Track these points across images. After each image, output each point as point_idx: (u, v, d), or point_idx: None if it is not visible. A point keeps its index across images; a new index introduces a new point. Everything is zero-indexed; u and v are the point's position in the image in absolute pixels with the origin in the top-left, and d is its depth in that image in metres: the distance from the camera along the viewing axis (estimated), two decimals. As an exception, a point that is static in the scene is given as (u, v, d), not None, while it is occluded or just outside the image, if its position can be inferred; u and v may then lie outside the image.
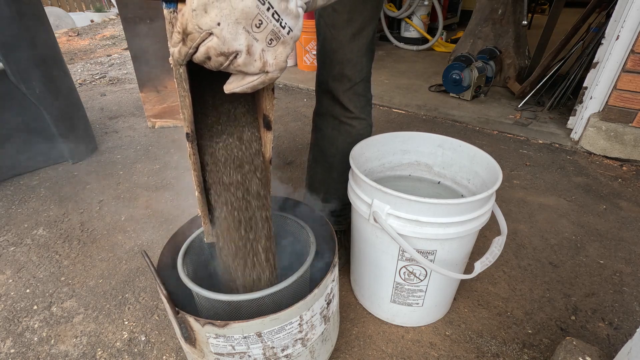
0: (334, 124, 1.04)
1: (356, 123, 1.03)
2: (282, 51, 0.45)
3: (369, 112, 1.05)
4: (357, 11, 0.86)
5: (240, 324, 0.63)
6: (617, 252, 1.27)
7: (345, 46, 0.90)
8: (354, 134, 1.04)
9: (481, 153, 0.96)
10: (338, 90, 0.97)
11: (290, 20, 0.43)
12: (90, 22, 6.26)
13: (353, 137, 1.03)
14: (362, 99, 1.01)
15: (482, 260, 0.83)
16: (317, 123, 1.10)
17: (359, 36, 0.89)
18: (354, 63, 0.93)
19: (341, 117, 1.02)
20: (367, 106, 1.04)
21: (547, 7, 5.85)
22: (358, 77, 0.95)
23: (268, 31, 0.42)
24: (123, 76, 3.36)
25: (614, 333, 1.00)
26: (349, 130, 1.03)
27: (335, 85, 0.97)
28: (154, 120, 2.23)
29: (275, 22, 0.42)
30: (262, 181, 0.65)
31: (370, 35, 0.91)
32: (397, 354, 0.95)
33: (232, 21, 0.40)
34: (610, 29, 1.76)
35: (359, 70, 0.94)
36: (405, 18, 4.00)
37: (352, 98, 0.98)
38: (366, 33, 0.90)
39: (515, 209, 1.51)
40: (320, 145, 1.11)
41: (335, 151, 1.07)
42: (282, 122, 2.32)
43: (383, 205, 0.80)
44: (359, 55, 0.92)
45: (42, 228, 1.42)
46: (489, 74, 2.58)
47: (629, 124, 1.75)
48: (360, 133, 1.04)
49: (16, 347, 0.99)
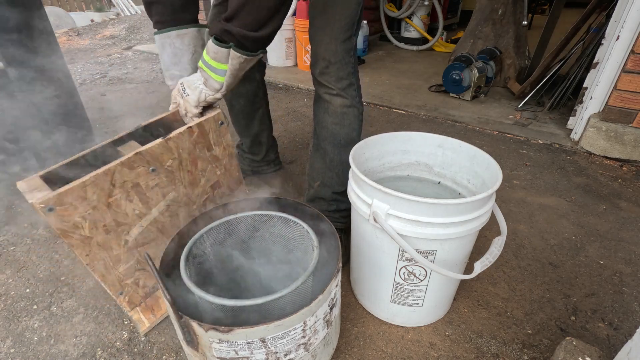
0: (324, 107, 1.12)
1: (338, 100, 1.09)
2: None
3: (353, 96, 1.10)
4: (329, 3, 0.99)
5: (244, 330, 0.63)
6: (617, 253, 1.28)
7: (319, 31, 1.02)
8: (338, 111, 1.10)
9: (481, 153, 0.96)
10: (315, 71, 1.07)
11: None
12: (91, 22, 6.26)
13: (338, 116, 1.10)
14: (343, 81, 1.07)
15: (482, 261, 0.83)
16: (314, 110, 1.17)
17: (332, 20, 1.00)
18: (327, 45, 1.02)
19: (324, 96, 1.10)
20: (349, 89, 1.09)
21: (547, 7, 5.85)
22: (333, 58, 1.03)
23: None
24: (123, 76, 3.36)
25: (614, 333, 1.00)
26: (332, 109, 1.10)
27: (314, 69, 1.07)
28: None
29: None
30: None
31: (344, 19, 1.00)
32: (397, 354, 0.95)
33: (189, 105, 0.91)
34: (611, 30, 1.76)
35: (333, 52, 1.03)
36: (405, 18, 4.00)
37: (329, 79, 1.07)
38: (340, 17, 1.00)
39: (515, 209, 1.51)
40: (317, 132, 1.17)
41: (327, 134, 1.13)
42: (282, 122, 2.32)
43: (383, 206, 0.80)
44: (331, 37, 1.01)
45: (42, 227, 1.42)
46: (489, 74, 2.58)
47: (629, 124, 1.75)
48: (344, 111, 1.10)
49: (16, 346, 0.99)
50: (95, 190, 0.78)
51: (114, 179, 0.81)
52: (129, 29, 5.46)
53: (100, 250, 0.85)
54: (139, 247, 0.93)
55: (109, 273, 0.89)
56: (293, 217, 0.85)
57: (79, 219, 0.78)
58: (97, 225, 0.82)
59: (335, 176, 1.17)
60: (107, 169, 0.79)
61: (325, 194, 1.20)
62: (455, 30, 4.79)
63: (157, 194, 0.91)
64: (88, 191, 0.77)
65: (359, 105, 1.13)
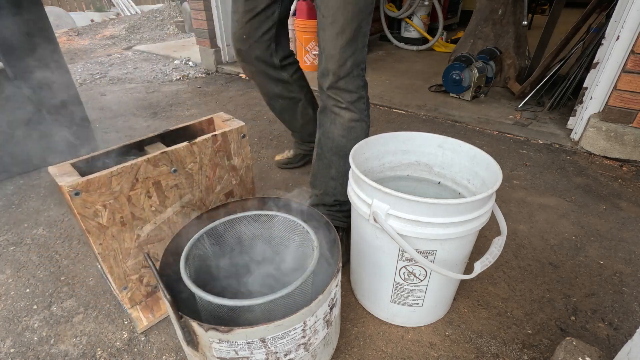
0: (331, 118, 1.12)
1: (346, 114, 1.09)
2: None
3: (362, 109, 1.11)
4: (339, 13, 0.97)
5: (245, 330, 0.63)
6: (617, 253, 1.28)
7: (329, 44, 1.01)
8: (345, 125, 1.10)
9: (481, 153, 0.96)
10: (325, 84, 1.07)
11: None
12: (91, 22, 6.26)
13: (345, 129, 1.10)
14: (353, 94, 1.07)
15: (482, 261, 0.83)
16: (320, 119, 1.16)
17: (341, 34, 0.99)
18: (337, 59, 1.02)
19: (333, 108, 1.10)
20: (358, 102, 1.09)
21: (547, 7, 5.85)
22: (342, 72, 1.03)
23: None
24: (123, 76, 3.36)
25: (614, 333, 1.00)
26: (340, 122, 1.10)
27: (323, 80, 1.08)
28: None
29: None
30: None
31: (353, 32, 0.99)
32: (397, 354, 0.95)
33: None
34: (611, 30, 1.76)
35: (342, 65, 1.02)
36: (405, 18, 4.00)
37: (338, 92, 1.07)
38: (348, 31, 0.99)
39: (515, 209, 1.51)
40: (322, 142, 1.16)
41: (332, 144, 1.13)
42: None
43: (383, 206, 0.80)
44: (341, 52, 1.01)
45: (42, 227, 1.42)
46: (489, 74, 2.58)
47: (629, 124, 1.75)
48: (351, 125, 1.10)
49: (16, 346, 0.99)
50: (120, 182, 0.83)
51: (139, 174, 0.85)
52: (129, 29, 5.46)
53: (114, 241, 0.88)
54: (149, 244, 0.96)
55: (118, 266, 0.92)
56: (293, 217, 0.85)
57: (100, 207, 0.82)
58: (114, 217, 0.86)
59: (339, 186, 1.17)
60: (134, 163, 0.83)
61: (327, 201, 1.21)
62: (455, 30, 4.79)
63: (175, 194, 0.95)
64: (113, 181, 0.81)
65: (367, 119, 1.13)
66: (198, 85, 3.10)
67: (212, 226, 0.84)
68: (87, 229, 0.82)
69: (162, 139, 1.00)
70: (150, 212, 0.92)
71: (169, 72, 3.44)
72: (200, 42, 3.45)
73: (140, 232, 0.92)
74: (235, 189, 1.10)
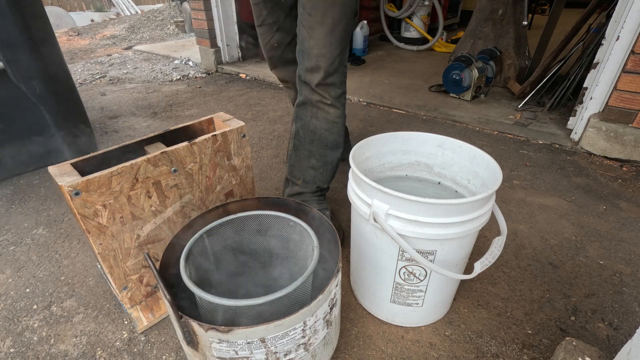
0: (312, 112, 1.17)
1: (331, 110, 1.16)
2: None
3: (343, 103, 1.19)
4: (328, 14, 1.02)
5: (244, 330, 0.63)
6: (617, 253, 1.28)
7: (320, 43, 1.06)
8: (330, 120, 1.17)
9: (481, 153, 0.96)
10: (314, 80, 1.11)
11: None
12: (91, 22, 6.26)
13: (329, 124, 1.17)
14: (337, 89, 1.14)
15: (482, 261, 0.83)
16: (298, 113, 1.21)
17: (331, 34, 1.05)
18: (328, 57, 1.07)
19: (319, 104, 1.15)
20: (341, 97, 1.17)
21: (547, 7, 5.86)
22: (331, 68, 1.09)
23: None
24: (123, 76, 3.36)
25: (614, 333, 1.00)
26: (325, 117, 1.16)
27: (312, 77, 1.11)
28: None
29: None
30: None
31: (340, 32, 1.06)
32: (397, 354, 0.95)
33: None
34: (611, 30, 1.76)
35: (331, 62, 1.08)
36: (405, 18, 4.00)
37: (327, 88, 1.12)
38: (337, 30, 1.05)
39: (515, 209, 1.51)
40: (301, 134, 1.21)
41: (313, 137, 1.19)
42: (282, 122, 2.32)
43: (383, 206, 0.80)
44: (332, 50, 1.07)
45: (42, 227, 1.42)
46: (489, 74, 2.58)
47: (629, 124, 1.75)
48: (335, 121, 1.18)
49: (16, 346, 0.99)
50: (120, 182, 0.83)
51: (139, 174, 0.85)
52: (129, 28, 5.46)
53: (114, 241, 0.88)
54: (149, 244, 0.96)
55: (117, 266, 0.92)
56: (293, 217, 0.85)
57: (100, 206, 0.82)
58: (114, 216, 0.86)
59: (319, 175, 1.23)
60: (134, 163, 0.84)
61: (310, 188, 1.26)
62: (456, 30, 4.79)
63: (175, 194, 0.95)
64: (113, 181, 0.82)
65: (345, 113, 1.21)
66: (198, 85, 3.10)
67: (212, 226, 0.84)
68: (87, 229, 0.82)
69: (162, 139, 1.00)
70: (150, 212, 0.92)
71: (169, 72, 3.44)
72: (201, 42, 3.46)
73: (140, 232, 0.92)
74: (235, 189, 1.10)
